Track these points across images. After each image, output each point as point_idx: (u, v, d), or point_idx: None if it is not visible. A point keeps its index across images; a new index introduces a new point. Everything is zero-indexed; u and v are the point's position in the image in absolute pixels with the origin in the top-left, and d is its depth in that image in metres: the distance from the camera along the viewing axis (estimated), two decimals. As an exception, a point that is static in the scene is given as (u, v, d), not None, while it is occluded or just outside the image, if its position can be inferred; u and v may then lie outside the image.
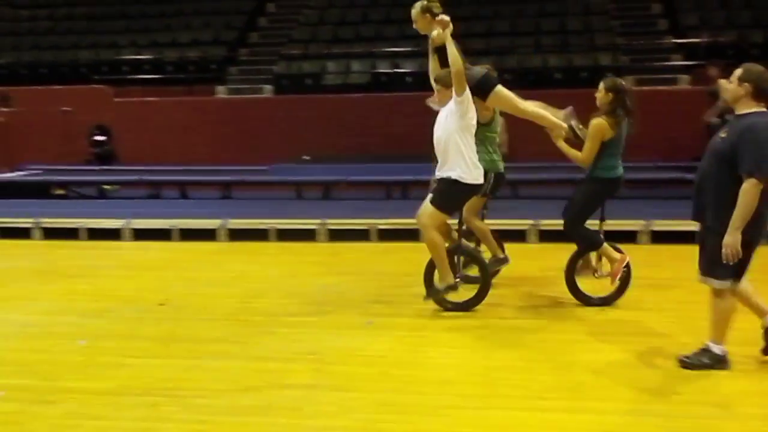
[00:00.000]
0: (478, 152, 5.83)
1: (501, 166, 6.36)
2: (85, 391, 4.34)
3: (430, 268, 5.87)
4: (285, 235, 9.16)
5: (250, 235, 9.16)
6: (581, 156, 5.78)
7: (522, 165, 10.32)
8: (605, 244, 5.88)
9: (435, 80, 5.85)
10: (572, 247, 6.02)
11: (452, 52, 5.56)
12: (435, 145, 5.71)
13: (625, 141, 5.83)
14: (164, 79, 15.72)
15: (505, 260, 6.52)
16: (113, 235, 9.39)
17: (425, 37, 6.14)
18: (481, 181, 5.75)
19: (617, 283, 5.92)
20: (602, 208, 6.00)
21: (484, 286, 5.96)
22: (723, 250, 4.22)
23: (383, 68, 15.18)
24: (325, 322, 5.70)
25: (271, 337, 5.37)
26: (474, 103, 5.79)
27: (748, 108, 4.31)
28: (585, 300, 6.00)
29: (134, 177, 12.30)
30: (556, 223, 6.55)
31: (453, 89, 5.57)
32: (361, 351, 5.03)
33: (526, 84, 11.95)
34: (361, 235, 9.01)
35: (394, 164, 11.76)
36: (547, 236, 8.45)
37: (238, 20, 17.44)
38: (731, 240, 4.20)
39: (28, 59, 16.84)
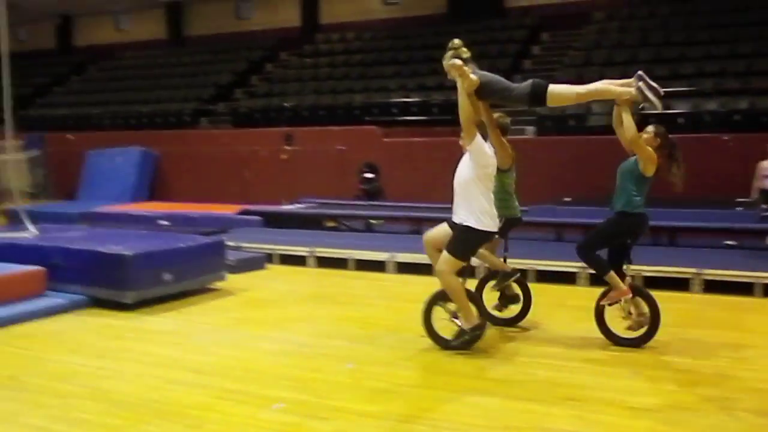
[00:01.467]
0: (494, 198, 5.98)
1: (517, 211, 6.62)
2: (354, 412, 4.57)
3: (428, 314, 5.97)
4: (544, 276, 9.05)
5: (508, 275, 9.16)
6: (632, 135, 5.84)
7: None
8: (612, 272, 5.99)
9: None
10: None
11: (462, 102, 5.73)
12: (454, 189, 5.85)
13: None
14: (430, 120, 16.37)
15: (514, 273, 6.71)
16: (378, 266, 9.88)
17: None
18: (494, 229, 5.80)
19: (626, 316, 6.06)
20: (628, 248, 6.12)
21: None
22: None
23: (649, 109, 14.48)
24: (588, 369, 5.51)
25: (532, 378, 5.29)
26: (500, 148, 6.17)
27: None
28: (613, 339, 6.10)
29: (399, 213, 12.87)
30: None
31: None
32: (626, 402, 4.77)
33: None
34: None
35: (662, 209, 11.15)
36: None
37: (503, 63, 17.70)
38: None
39: (309, 102, 18.40)
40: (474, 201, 5.71)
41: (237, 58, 22.26)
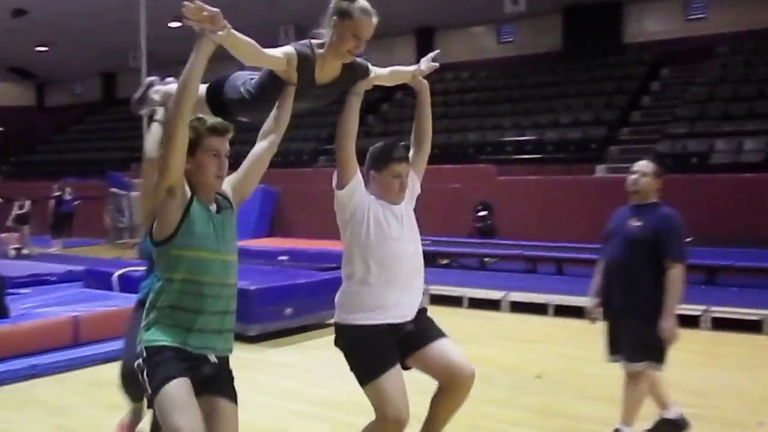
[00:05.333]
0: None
1: None
2: (470, 451, 4.63)
3: None
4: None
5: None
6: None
7: None
8: None
9: (405, 160, 3.72)
10: None
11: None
12: (404, 267, 3.69)
13: None
14: (544, 158, 16.29)
15: None
16: (492, 305, 9.88)
17: None
18: None
19: None
20: None
21: None
22: (663, 335, 4.37)
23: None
24: (711, 417, 5.36)
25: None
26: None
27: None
28: None
29: (513, 251, 12.83)
30: None
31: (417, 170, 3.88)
32: (753, 453, 4.62)
33: None
34: (750, 326, 8.30)
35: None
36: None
37: (621, 100, 17.46)
38: (670, 324, 4.36)
39: (424, 141, 18.65)
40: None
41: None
